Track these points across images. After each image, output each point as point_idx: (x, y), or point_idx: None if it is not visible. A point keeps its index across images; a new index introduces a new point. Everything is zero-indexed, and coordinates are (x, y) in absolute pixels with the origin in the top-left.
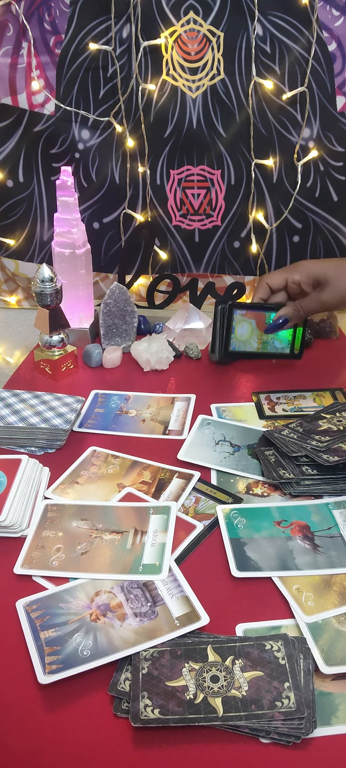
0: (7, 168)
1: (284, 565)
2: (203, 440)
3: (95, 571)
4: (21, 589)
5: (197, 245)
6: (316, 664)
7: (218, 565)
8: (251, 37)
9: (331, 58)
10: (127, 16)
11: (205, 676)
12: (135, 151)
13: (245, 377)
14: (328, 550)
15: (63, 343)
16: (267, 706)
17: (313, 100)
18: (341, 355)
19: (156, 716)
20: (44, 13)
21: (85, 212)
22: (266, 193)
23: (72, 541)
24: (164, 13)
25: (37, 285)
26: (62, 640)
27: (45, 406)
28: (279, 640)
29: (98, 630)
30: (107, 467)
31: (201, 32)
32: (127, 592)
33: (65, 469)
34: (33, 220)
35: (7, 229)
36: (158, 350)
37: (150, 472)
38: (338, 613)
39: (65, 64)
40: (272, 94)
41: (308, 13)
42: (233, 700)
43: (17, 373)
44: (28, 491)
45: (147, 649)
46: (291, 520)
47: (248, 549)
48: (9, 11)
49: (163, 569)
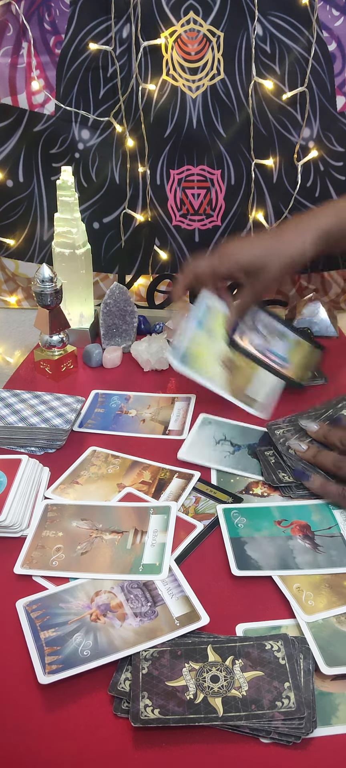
0: (7, 168)
1: (284, 564)
2: (203, 440)
3: (95, 571)
4: (21, 589)
5: (197, 245)
6: (316, 664)
7: (218, 565)
8: (251, 37)
9: (331, 58)
10: (127, 16)
11: (205, 676)
12: (135, 151)
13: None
14: (328, 550)
15: (63, 343)
16: (267, 706)
17: (313, 100)
18: (341, 355)
19: (156, 716)
20: (44, 13)
21: (85, 212)
22: (266, 193)
23: (72, 541)
24: (164, 13)
25: (37, 285)
26: (62, 640)
27: (45, 406)
28: (279, 640)
29: (98, 630)
30: (107, 467)
31: (201, 32)
32: (127, 592)
33: (65, 469)
34: (33, 220)
35: (7, 229)
36: (158, 350)
37: (150, 472)
38: (339, 612)
39: (65, 64)
40: (272, 94)
41: (308, 13)
42: (233, 700)
43: (17, 373)
44: (28, 491)
45: (147, 649)
46: (291, 520)
47: (248, 548)
48: (9, 11)
49: (163, 569)
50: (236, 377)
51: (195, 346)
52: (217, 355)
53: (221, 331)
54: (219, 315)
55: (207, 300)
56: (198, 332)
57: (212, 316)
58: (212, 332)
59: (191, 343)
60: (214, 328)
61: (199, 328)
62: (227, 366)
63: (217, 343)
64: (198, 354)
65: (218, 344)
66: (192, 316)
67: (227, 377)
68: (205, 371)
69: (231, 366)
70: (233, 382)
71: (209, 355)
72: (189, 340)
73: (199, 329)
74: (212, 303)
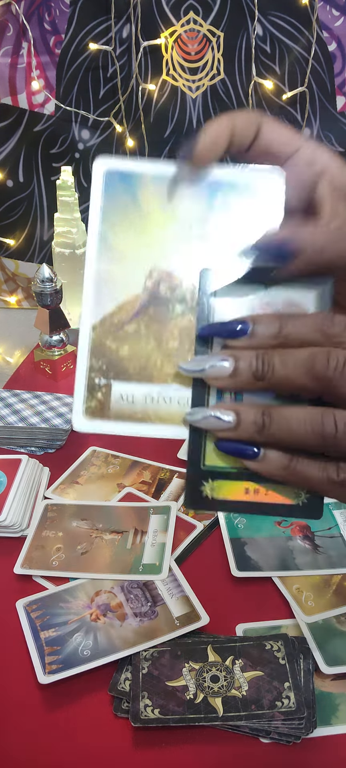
0: (7, 168)
1: (284, 565)
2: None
3: (95, 571)
4: (21, 589)
5: None
6: (316, 664)
7: (218, 565)
8: (251, 37)
9: (331, 58)
10: (127, 16)
11: (205, 676)
12: (135, 151)
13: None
14: (328, 550)
15: (63, 343)
16: (267, 706)
17: (313, 100)
18: None
19: (156, 716)
20: (44, 13)
21: (85, 212)
22: None
23: (72, 541)
24: (164, 13)
25: (37, 285)
26: (62, 640)
27: (45, 406)
28: (279, 640)
29: (98, 630)
30: (107, 467)
31: (201, 32)
32: (127, 592)
33: (65, 469)
34: (33, 220)
35: (7, 229)
36: None
37: (150, 472)
38: (338, 613)
39: (65, 64)
40: (272, 94)
41: (308, 13)
42: (233, 700)
43: (17, 373)
44: (28, 491)
45: (147, 649)
46: (291, 520)
47: (248, 549)
48: (9, 11)
49: (163, 569)
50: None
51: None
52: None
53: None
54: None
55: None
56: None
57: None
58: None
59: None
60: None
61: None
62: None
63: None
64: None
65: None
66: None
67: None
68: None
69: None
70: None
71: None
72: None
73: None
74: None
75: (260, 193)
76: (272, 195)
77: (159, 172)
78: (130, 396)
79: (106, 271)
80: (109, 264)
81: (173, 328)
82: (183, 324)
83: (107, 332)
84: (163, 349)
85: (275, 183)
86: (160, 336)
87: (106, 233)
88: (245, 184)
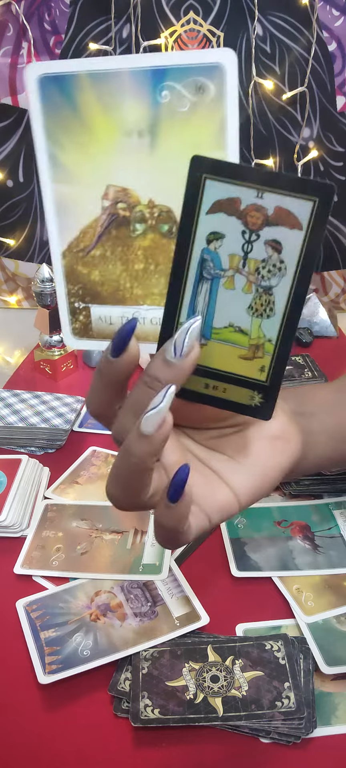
0: (7, 168)
1: (284, 565)
2: None
3: (95, 571)
4: (21, 589)
5: None
6: (316, 664)
7: (218, 565)
8: (251, 37)
9: (331, 58)
10: (127, 16)
11: (205, 676)
12: None
13: None
14: (328, 550)
15: (63, 343)
16: (267, 706)
17: (313, 100)
18: (341, 355)
19: (156, 716)
20: (44, 13)
21: None
22: None
23: (72, 541)
24: (164, 13)
25: (37, 285)
26: (62, 640)
27: (45, 406)
28: (279, 640)
29: (98, 630)
30: (107, 467)
31: (201, 32)
32: (127, 592)
33: (65, 469)
34: (33, 220)
35: (7, 229)
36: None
37: None
38: (338, 613)
39: None
40: (272, 94)
41: (308, 13)
42: (233, 700)
43: (17, 373)
44: (28, 491)
45: (147, 649)
46: (291, 520)
47: (248, 549)
48: (9, 11)
49: (163, 569)
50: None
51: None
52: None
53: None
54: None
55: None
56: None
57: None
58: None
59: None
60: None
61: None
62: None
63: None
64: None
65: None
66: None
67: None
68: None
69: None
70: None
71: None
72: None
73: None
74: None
75: (210, 78)
76: (224, 79)
77: (94, 67)
78: (108, 317)
79: (63, 194)
80: (65, 186)
81: (137, 250)
82: (145, 244)
83: (76, 258)
84: (130, 271)
85: (227, 60)
86: (126, 258)
87: (54, 152)
88: (191, 68)
